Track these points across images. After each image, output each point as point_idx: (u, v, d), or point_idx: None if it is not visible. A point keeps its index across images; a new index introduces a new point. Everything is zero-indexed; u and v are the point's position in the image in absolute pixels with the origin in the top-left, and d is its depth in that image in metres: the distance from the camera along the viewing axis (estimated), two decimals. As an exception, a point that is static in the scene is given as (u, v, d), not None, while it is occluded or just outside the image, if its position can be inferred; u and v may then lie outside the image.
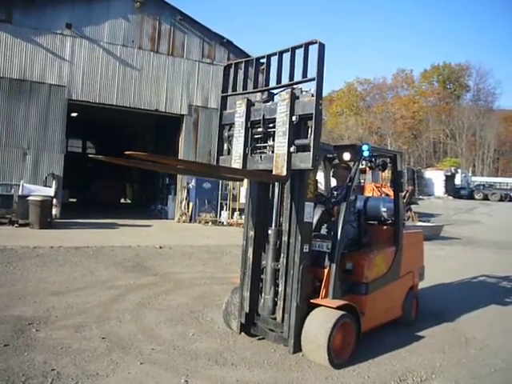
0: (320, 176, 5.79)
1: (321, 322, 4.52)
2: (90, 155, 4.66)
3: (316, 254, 4.99)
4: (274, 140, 4.60)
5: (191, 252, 11.27)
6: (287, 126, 4.41)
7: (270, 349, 5.01)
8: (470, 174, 50.24)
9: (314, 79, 4.30)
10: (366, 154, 5.15)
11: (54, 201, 15.22)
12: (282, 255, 4.73)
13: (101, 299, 6.65)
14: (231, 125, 5.14)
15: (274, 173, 4.48)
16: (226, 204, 18.99)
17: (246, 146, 4.84)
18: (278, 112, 4.53)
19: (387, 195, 18.69)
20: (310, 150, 4.27)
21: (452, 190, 42.08)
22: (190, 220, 18.64)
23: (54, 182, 15.80)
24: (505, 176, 59.28)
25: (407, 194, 19.87)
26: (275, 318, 4.77)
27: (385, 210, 6.15)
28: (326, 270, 4.86)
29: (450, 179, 42.80)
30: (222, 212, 18.92)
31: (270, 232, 4.85)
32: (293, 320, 4.60)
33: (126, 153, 3.44)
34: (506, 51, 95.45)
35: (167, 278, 8.29)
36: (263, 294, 4.91)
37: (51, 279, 7.63)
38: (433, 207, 30.99)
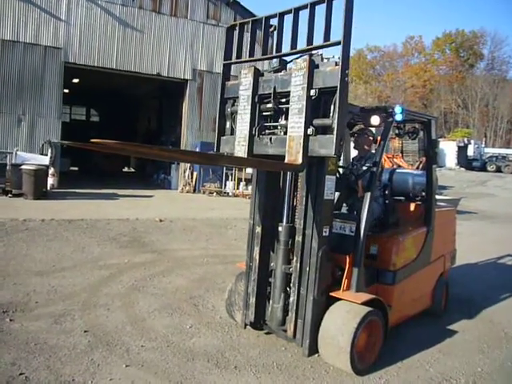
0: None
1: (343, 320, 3.75)
2: (63, 142, 3.51)
3: (336, 238, 4.17)
4: (287, 119, 3.74)
5: (193, 226, 10.53)
6: (304, 103, 3.54)
7: (280, 347, 4.29)
8: (483, 146, 48.78)
9: (339, 43, 3.38)
10: (398, 118, 4.23)
11: (52, 170, 14.51)
12: (295, 258, 3.94)
13: (89, 281, 5.94)
14: (235, 99, 4.25)
15: (286, 160, 3.61)
16: (232, 174, 18.16)
17: (252, 125, 3.95)
18: (293, 84, 3.65)
19: (399, 166, 17.97)
20: (332, 133, 3.40)
21: (464, 162, 40.81)
22: (194, 190, 17.89)
23: (49, 150, 14.96)
24: (517, 148, 57.78)
25: (420, 165, 19.17)
26: (285, 331, 4.03)
27: (414, 184, 5.31)
28: (348, 257, 4.07)
29: (462, 150, 41.53)
30: (227, 182, 18.13)
31: (280, 229, 4.06)
32: (309, 316, 3.84)
33: (93, 140, 2.51)
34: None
35: (166, 256, 7.58)
36: (271, 302, 4.16)
37: (37, 257, 6.92)
38: (444, 179, 29.92)
